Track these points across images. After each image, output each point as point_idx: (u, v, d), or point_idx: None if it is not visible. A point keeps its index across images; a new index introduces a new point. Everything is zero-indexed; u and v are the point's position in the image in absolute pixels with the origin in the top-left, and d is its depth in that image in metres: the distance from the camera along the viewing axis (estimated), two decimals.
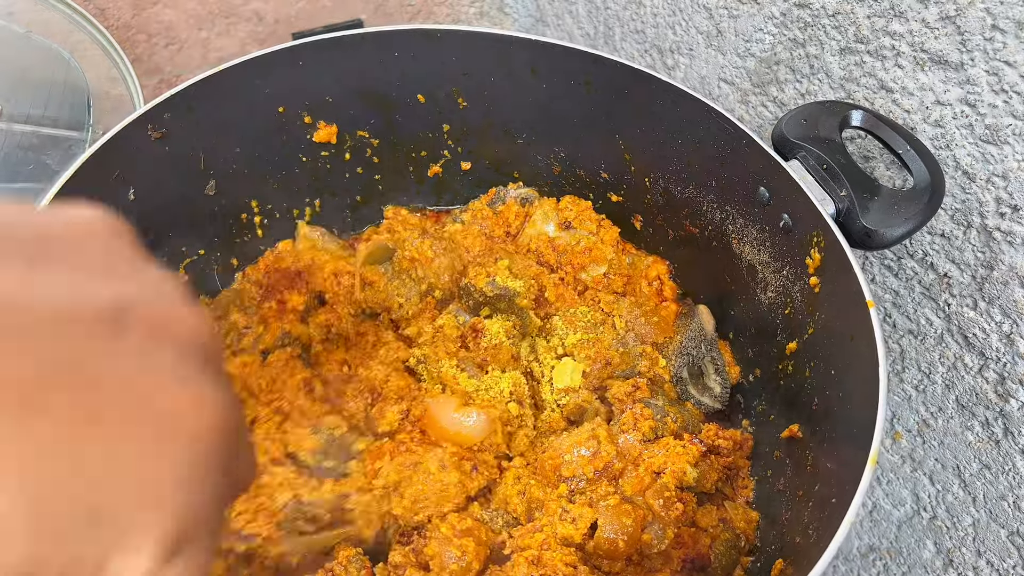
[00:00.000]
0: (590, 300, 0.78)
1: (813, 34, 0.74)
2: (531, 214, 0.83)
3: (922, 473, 0.80)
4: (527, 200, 0.85)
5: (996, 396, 0.69)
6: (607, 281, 0.78)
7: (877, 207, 0.61)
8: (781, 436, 0.69)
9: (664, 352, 0.75)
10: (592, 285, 0.78)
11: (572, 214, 0.81)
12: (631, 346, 0.74)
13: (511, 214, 0.83)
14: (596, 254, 0.78)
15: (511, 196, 0.85)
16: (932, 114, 0.66)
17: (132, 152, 0.65)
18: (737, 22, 0.82)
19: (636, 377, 0.72)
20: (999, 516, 0.72)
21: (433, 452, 0.65)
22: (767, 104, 0.83)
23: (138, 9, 0.98)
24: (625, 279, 0.79)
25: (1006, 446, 0.69)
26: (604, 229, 0.81)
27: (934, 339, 0.73)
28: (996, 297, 0.66)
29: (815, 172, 0.64)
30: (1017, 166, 0.61)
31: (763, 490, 0.70)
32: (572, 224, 0.80)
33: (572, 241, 0.79)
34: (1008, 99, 0.60)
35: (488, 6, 1.25)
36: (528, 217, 0.83)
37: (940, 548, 0.80)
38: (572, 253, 0.79)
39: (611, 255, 0.79)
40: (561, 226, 0.80)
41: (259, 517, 0.59)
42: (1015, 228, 0.63)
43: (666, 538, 0.61)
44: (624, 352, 0.73)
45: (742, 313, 0.77)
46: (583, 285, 0.79)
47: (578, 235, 0.79)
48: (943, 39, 0.63)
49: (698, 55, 0.90)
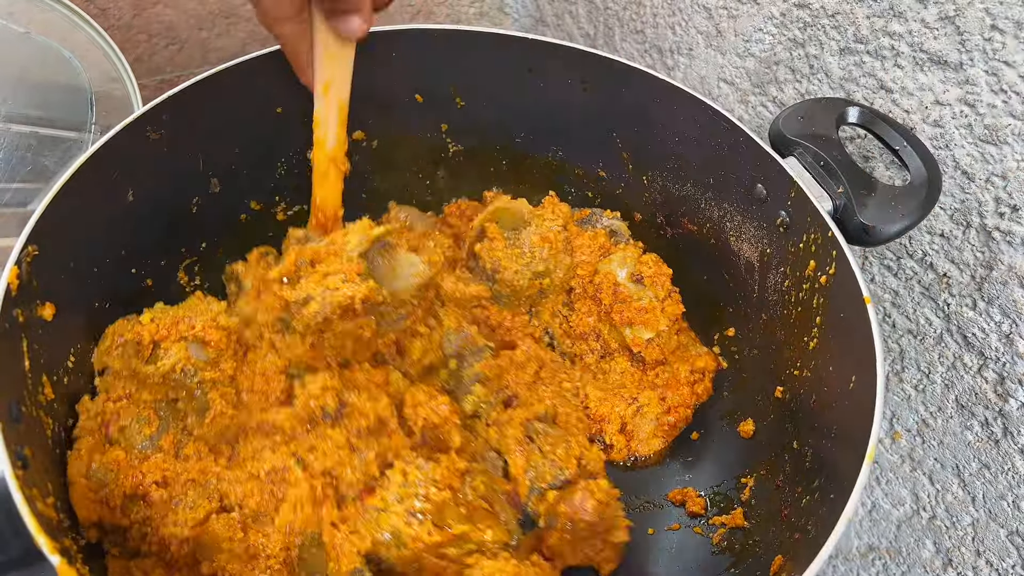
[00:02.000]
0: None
1: (813, 34, 0.74)
2: (611, 252, 0.81)
3: (921, 473, 0.80)
4: (616, 234, 0.83)
5: (995, 396, 0.69)
6: (646, 347, 0.77)
7: (874, 203, 0.61)
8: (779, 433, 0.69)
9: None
10: (630, 343, 0.77)
11: (649, 271, 0.79)
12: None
13: (596, 244, 0.82)
14: (650, 318, 0.77)
15: (603, 224, 0.84)
16: (931, 114, 0.66)
17: (131, 153, 0.65)
18: (737, 22, 0.83)
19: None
20: (998, 516, 0.72)
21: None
22: (767, 104, 0.83)
23: (139, 9, 0.99)
24: (662, 355, 0.77)
25: (1005, 446, 0.69)
26: (671, 302, 0.79)
27: (933, 339, 0.73)
28: (995, 297, 0.66)
29: (812, 169, 0.64)
30: (1016, 166, 0.61)
31: (761, 487, 0.70)
32: (643, 281, 0.78)
33: (635, 295, 0.77)
34: (1007, 99, 0.60)
35: (488, 6, 1.25)
36: (607, 253, 0.81)
37: (939, 548, 0.80)
38: (628, 306, 0.77)
39: (663, 326, 0.77)
40: (633, 277, 0.79)
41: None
42: (1014, 228, 0.63)
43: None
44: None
45: (740, 310, 0.77)
46: (619, 341, 0.78)
47: (644, 293, 0.78)
48: (942, 39, 0.63)
49: (698, 55, 0.90)
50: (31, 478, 0.50)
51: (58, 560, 0.45)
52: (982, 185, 0.64)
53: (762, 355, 0.74)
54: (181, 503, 0.60)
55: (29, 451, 0.51)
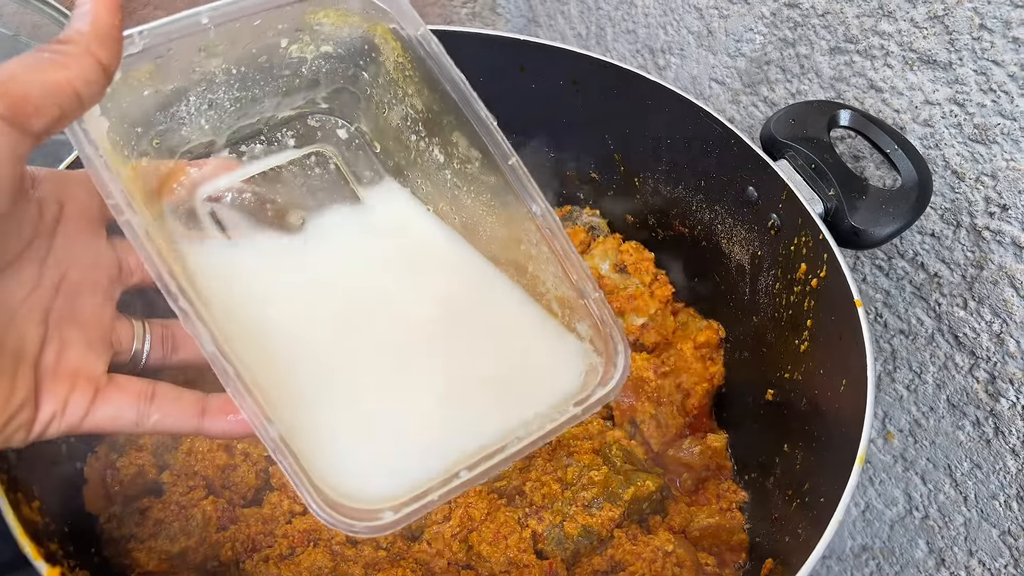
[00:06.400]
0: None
1: (803, 34, 0.74)
2: (592, 246, 0.82)
3: (914, 473, 0.80)
4: (595, 230, 0.84)
5: (987, 395, 0.69)
6: (642, 333, 0.77)
7: (865, 206, 0.61)
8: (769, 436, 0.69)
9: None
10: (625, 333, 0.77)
11: (631, 259, 0.80)
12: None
13: (576, 240, 0.82)
14: (640, 304, 0.77)
15: (583, 221, 0.85)
16: (921, 114, 0.66)
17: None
18: (727, 22, 0.82)
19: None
20: (990, 515, 0.72)
21: None
22: (758, 104, 0.83)
23: (128, 12, 0.98)
24: (661, 337, 0.77)
25: (997, 445, 0.69)
26: (659, 284, 0.79)
27: (925, 339, 0.73)
28: (986, 296, 0.66)
29: (803, 172, 0.64)
30: (1006, 165, 0.61)
31: (753, 490, 0.70)
32: (627, 269, 0.79)
33: (621, 284, 0.78)
34: (996, 98, 0.60)
35: (480, 7, 1.25)
36: (588, 248, 0.82)
37: (932, 548, 0.80)
38: (616, 295, 0.77)
39: (654, 309, 0.77)
40: (615, 267, 0.79)
41: None
42: (1004, 227, 0.63)
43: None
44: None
45: (731, 313, 0.77)
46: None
47: (629, 281, 0.78)
48: (931, 39, 0.63)
49: (689, 55, 0.90)
50: (16, 482, 0.50)
51: (44, 566, 0.45)
52: (972, 184, 0.64)
53: (752, 358, 0.74)
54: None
55: (14, 454, 0.51)
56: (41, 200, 0.39)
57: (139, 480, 0.61)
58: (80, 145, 0.37)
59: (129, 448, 0.62)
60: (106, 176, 0.37)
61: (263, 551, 0.58)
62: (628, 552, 0.60)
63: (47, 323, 0.38)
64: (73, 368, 0.39)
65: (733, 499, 0.69)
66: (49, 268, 0.39)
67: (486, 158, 0.48)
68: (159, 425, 0.41)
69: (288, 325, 0.45)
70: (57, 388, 0.38)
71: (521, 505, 0.61)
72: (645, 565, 0.59)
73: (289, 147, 0.50)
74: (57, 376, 0.38)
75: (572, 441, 0.66)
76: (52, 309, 0.39)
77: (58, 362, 0.38)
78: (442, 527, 0.59)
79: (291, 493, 0.60)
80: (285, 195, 0.49)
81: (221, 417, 0.42)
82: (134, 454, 0.61)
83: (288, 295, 0.46)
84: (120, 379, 0.41)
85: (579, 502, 0.60)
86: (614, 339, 0.47)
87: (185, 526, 0.57)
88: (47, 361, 0.38)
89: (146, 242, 0.37)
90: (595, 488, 0.61)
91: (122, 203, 0.37)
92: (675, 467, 0.71)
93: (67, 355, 0.39)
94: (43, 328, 0.38)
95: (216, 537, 0.58)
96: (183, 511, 0.58)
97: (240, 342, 0.39)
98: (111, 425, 0.40)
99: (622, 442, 0.67)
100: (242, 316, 0.44)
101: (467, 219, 0.51)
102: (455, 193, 0.51)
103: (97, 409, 0.39)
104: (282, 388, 0.41)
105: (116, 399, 0.40)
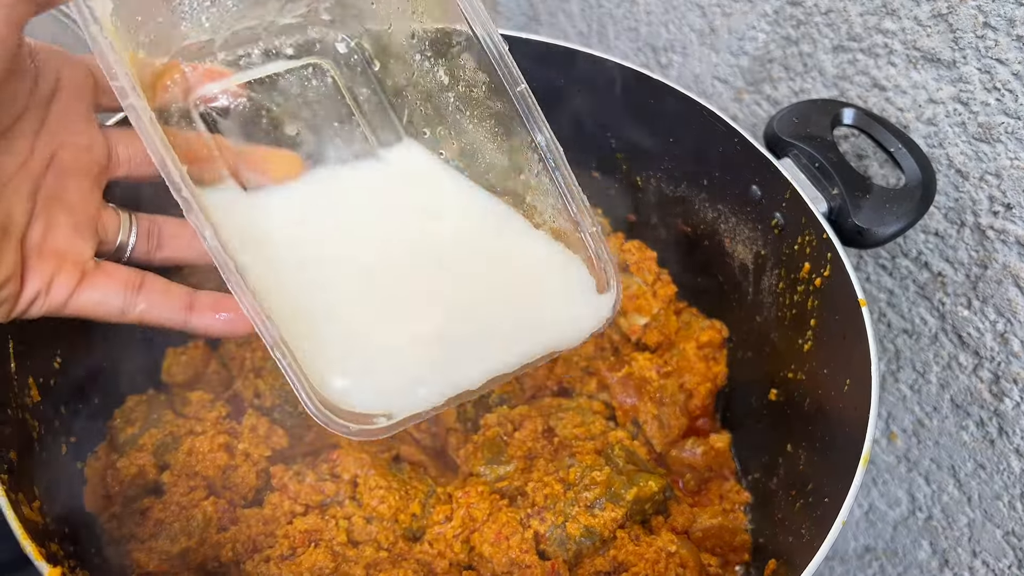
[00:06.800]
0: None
1: (806, 32, 0.74)
2: None
3: (917, 473, 0.79)
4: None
5: (991, 395, 0.68)
6: (644, 332, 0.76)
7: (869, 205, 0.61)
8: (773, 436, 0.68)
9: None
10: (627, 332, 0.76)
11: (633, 258, 0.79)
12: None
13: None
14: (642, 303, 0.77)
15: None
16: (925, 112, 0.65)
17: None
18: (730, 20, 0.82)
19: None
20: (994, 516, 0.72)
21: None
22: (761, 102, 0.83)
23: None
24: (664, 337, 0.77)
25: (1001, 445, 0.69)
26: (661, 284, 0.78)
27: (929, 338, 0.73)
28: (990, 296, 0.66)
29: (807, 170, 0.64)
30: (1010, 164, 0.61)
31: (756, 490, 0.69)
32: (629, 268, 0.78)
33: (623, 284, 0.77)
34: (1000, 97, 0.59)
35: None
36: None
37: (936, 548, 0.79)
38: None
39: (657, 309, 0.77)
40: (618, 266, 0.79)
41: None
42: (1008, 227, 0.62)
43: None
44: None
45: (735, 312, 0.76)
46: (619, 333, 0.77)
47: (631, 280, 0.77)
48: (935, 37, 0.62)
49: (692, 53, 0.90)
50: (17, 482, 0.50)
51: (45, 566, 0.45)
52: (976, 183, 0.64)
53: (756, 358, 0.74)
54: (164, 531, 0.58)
55: (14, 455, 0.51)
56: (38, 72, 0.38)
57: (139, 480, 0.60)
58: (86, 23, 0.36)
59: (129, 448, 0.61)
60: (112, 58, 0.35)
61: (264, 551, 0.58)
62: (631, 553, 0.59)
63: (35, 200, 0.38)
64: (60, 248, 0.38)
65: (736, 500, 0.68)
66: (41, 143, 0.38)
67: (493, 82, 0.47)
68: (145, 316, 0.41)
69: (289, 247, 0.44)
70: (43, 266, 0.38)
71: (523, 505, 0.61)
72: (648, 566, 0.59)
73: (286, 56, 0.49)
74: (43, 254, 0.38)
75: (574, 442, 0.66)
76: (41, 187, 0.38)
77: (44, 240, 0.38)
78: (444, 528, 0.59)
79: (292, 494, 0.59)
80: (281, 105, 0.48)
81: (209, 314, 0.42)
82: (134, 454, 0.61)
83: (290, 218, 0.45)
84: (108, 266, 0.41)
85: (581, 502, 0.60)
86: (607, 274, 0.47)
87: (186, 526, 0.57)
88: (33, 238, 0.38)
89: (150, 127, 0.36)
90: (597, 488, 0.61)
91: (127, 86, 0.36)
92: (678, 467, 0.70)
93: (54, 235, 0.38)
94: (31, 204, 0.38)
95: (217, 537, 0.58)
96: (183, 511, 0.58)
97: (241, 256, 0.39)
98: (96, 311, 0.40)
99: (625, 442, 0.66)
100: (245, 235, 0.43)
101: (466, 145, 0.50)
102: (457, 117, 0.50)
103: (82, 292, 0.39)
104: (279, 298, 0.41)
105: (103, 285, 0.40)
